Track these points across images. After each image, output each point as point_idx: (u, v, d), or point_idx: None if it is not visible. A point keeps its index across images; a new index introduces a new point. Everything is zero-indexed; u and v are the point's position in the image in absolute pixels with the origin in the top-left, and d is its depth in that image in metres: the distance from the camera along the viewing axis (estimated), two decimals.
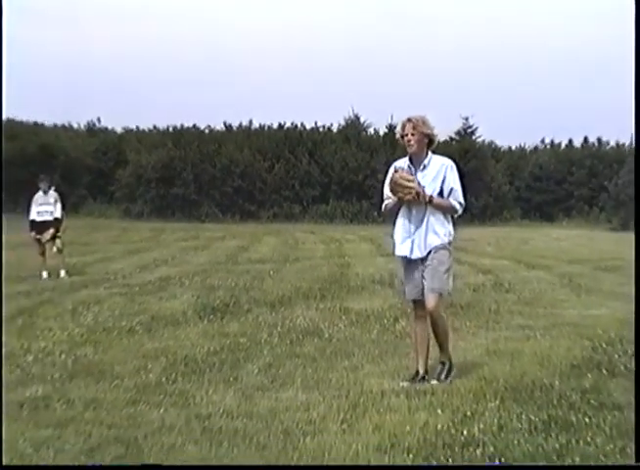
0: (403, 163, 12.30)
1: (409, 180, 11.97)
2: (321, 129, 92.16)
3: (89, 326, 17.35)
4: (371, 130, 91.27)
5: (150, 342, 15.65)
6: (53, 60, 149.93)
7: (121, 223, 69.60)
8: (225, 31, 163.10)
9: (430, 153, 12.27)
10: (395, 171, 12.06)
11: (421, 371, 12.44)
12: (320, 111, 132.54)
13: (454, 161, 12.46)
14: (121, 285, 25.45)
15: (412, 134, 12.09)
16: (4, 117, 72.35)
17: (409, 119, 12.22)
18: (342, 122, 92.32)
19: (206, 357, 14.19)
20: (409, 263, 12.44)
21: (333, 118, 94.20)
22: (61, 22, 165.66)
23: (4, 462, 4.87)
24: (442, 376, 12.24)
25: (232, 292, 23.26)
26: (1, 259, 15.41)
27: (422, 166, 12.15)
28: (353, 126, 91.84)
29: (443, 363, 12.41)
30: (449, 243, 12.41)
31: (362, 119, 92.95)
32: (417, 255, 12.26)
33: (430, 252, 12.25)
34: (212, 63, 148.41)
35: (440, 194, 12.11)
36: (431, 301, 12.38)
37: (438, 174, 12.11)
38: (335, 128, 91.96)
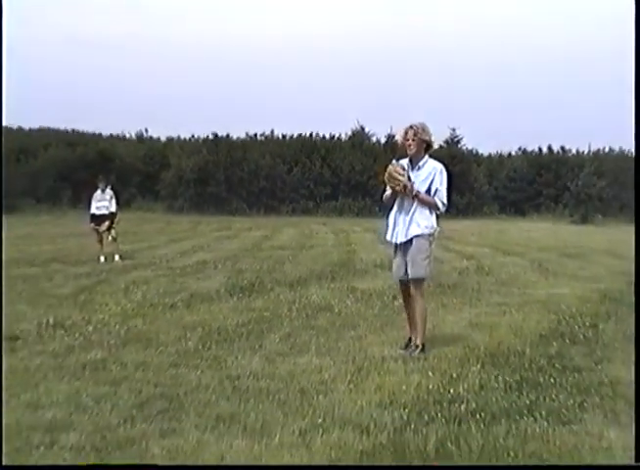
0: (404, 162, 12.36)
1: (401, 174, 12.03)
2: (332, 138, 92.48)
3: (138, 302, 17.40)
4: (373, 139, 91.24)
5: (189, 315, 15.68)
6: (109, 81, 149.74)
7: (165, 217, 69.48)
8: (250, 52, 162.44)
9: (426, 156, 12.33)
10: (392, 165, 12.14)
11: (412, 340, 12.49)
12: (331, 122, 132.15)
13: (445, 165, 12.52)
14: (165, 268, 25.46)
15: (413, 139, 12.17)
16: (70, 127, 72.32)
17: (411, 126, 12.29)
18: (350, 133, 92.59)
19: (236, 328, 14.23)
20: (396, 248, 12.50)
21: (342, 129, 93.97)
22: (113, 47, 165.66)
23: (4, 462, 4.79)
24: (413, 354, 12.24)
25: (257, 274, 23.29)
26: (1, 260, 15.03)
27: (417, 167, 12.21)
28: (359, 136, 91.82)
29: (416, 347, 12.39)
30: (430, 235, 12.41)
31: (366, 130, 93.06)
32: (400, 239, 12.31)
33: (411, 239, 12.30)
34: (239, 80, 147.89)
35: (428, 192, 12.17)
36: (410, 286, 12.48)
37: (429, 176, 12.16)
38: (343, 137, 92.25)
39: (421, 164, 12.25)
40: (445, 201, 12.33)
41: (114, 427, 8.44)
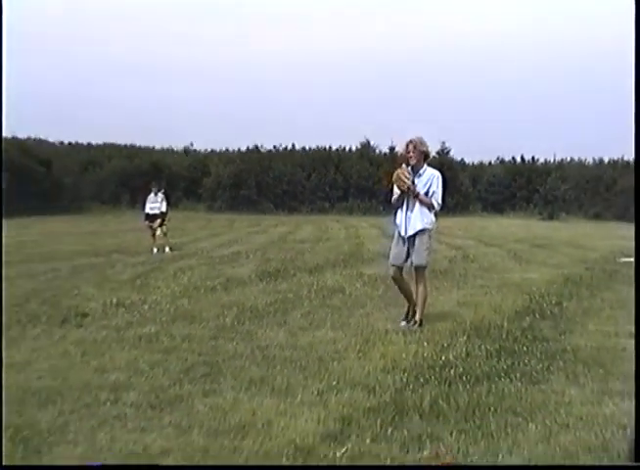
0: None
1: (407, 177, 12.04)
2: (343, 150, 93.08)
3: (184, 285, 17.43)
4: (377, 151, 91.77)
5: (226, 296, 15.70)
6: (159, 103, 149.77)
7: (206, 216, 69.54)
8: (273, 72, 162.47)
9: (425, 165, 12.32)
10: (400, 169, 12.15)
11: (410, 315, 12.50)
12: (342, 137, 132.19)
13: (441, 172, 12.56)
14: (206, 257, 25.50)
15: (413, 151, 12.17)
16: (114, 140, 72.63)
17: (411, 141, 12.27)
18: (358, 145, 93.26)
19: (265, 307, 14.24)
20: (399, 239, 12.48)
21: (352, 142, 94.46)
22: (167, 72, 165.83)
23: (4, 462, 4.77)
24: (412, 327, 12.23)
25: (282, 262, 23.29)
26: (1, 259, 14.96)
27: (418, 174, 12.19)
28: (365, 148, 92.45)
29: (415, 322, 12.39)
30: (430, 230, 12.46)
31: (372, 143, 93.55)
32: (409, 233, 12.30)
33: (416, 233, 12.31)
34: (267, 98, 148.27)
35: (427, 194, 12.18)
36: (416, 273, 12.49)
37: (428, 181, 12.16)
38: (353, 149, 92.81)
39: (421, 171, 12.23)
40: (440, 201, 12.33)
41: (166, 388, 8.47)
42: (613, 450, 6.47)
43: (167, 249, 28.03)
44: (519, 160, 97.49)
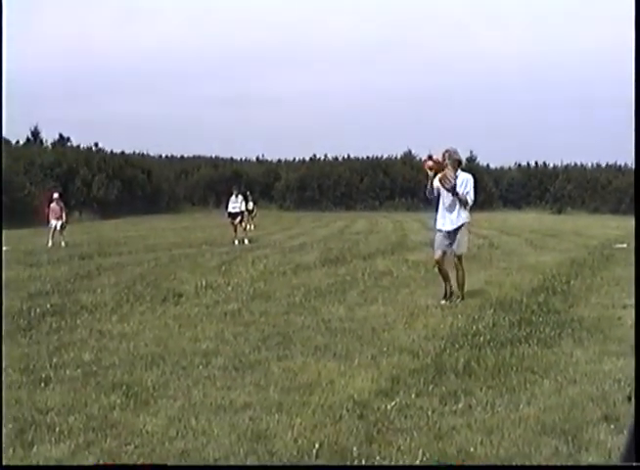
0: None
1: (452, 177, 11.97)
2: (390, 158, 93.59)
3: (261, 270, 17.48)
4: (418, 158, 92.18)
5: (295, 279, 15.74)
6: (237, 120, 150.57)
7: (277, 213, 69.76)
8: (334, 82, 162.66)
9: (459, 170, 12.23)
10: (448, 170, 12.05)
11: (448, 294, 12.43)
12: (389, 146, 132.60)
13: (473, 175, 12.54)
14: (278, 247, 25.60)
15: (448, 159, 12.09)
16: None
17: (447, 150, 12.21)
18: (402, 154, 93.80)
19: (327, 287, 14.25)
20: (440, 233, 12.41)
21: (397, 151, 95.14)
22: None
23: (4, 462, 4.77)
24: (455, 302, 12.16)
25: (341, 251, 23.31)
26: (1, 259, 14.85)
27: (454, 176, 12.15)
28: (408, 156, 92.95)
29: (457, 297, 12.34)
30: (467, 223, 12.41)
31: (413, 152, 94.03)
32: (449, 228, 12.24)
33: (457, 227, 12.25)
34: (325, 114, 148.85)
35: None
36: (457, 259, 12.43)
37: (462, 183, 12.05)
38: (398, 157, 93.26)
39: (456, 175, 12.15)
40: (473, 198, 12.26)
41: (247, 354, 8.50)
42: (610, 399, 6.47)
43: (247, 241, 28.13)
44: (533, 164, 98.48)
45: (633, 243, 4.27)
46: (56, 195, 29.43)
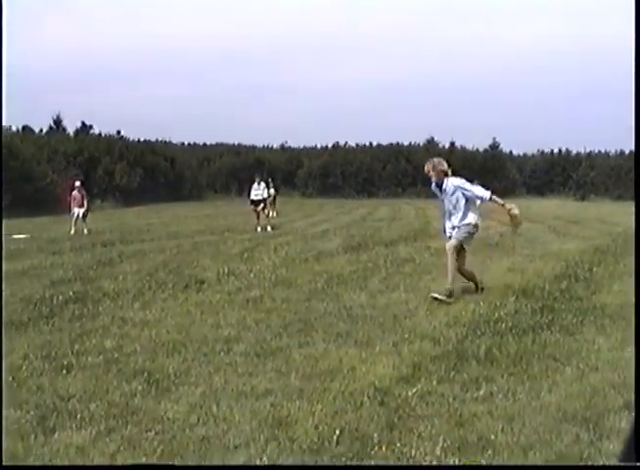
0: (434, 186, 11.91)
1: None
2: (412, 145, 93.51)
3: (283, 257, 17.48)
4: (440, 145, 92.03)
5: (317, 266, 15.73)
6: (263, 107, 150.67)
7: (300, 200, 69.78)
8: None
9: (445, 179, 11.59)
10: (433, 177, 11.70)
11: (478, 288, 12.15)
12: (412, 134, 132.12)
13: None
14: (301, 234, 25.59)
15: (432, 170, 11.67)
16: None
17: (430, 161, 11.85)
18: (424, 141, 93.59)
19: (349, 274, 14.25)
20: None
21: (419, 138, 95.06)
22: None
23: (4, 462, 4.78)
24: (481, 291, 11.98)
25: (363, 237, 23.29)
26: (1, 259, 14.78)
27: (443, 190, 11.61)
28: (430, 143, 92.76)
29: (447, 291, 11.96)
30: (472, 224, 11.66)
31: (435, 139, 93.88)
32: (451, 233, 11.79)
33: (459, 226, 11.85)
34: (348, 103, 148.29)
35: (467, 200, 11.55)
36: (448, 248, 12.09)
37: (455, 189, 11.44)
38: (420, 144, 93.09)
39: (444, 185, 11.62)
40: (482, 192, 11.60)
41: (268, 340, 8.52)
42: (631, 387, 6.44)
43: (269, 228, 28.13)
44: (556, 151, 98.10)
45: None
46: (78, 183, 29.52)
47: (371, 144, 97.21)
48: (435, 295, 11.07)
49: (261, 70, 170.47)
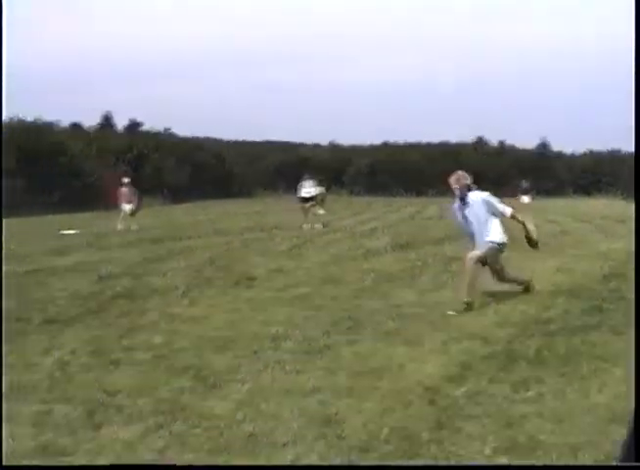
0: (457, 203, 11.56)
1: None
2: (459, 144, 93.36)
3: (331, 255, 17.49)
4: (488, 144, 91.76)
5: (365, 264, 15.69)
6: (312, 106, 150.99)
7: (348, 199, 69.71)
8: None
9: (468, 194, 11.22)
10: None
11: (528, 288, 11.95)
12: (460, 132, 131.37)
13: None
14: (349, 232, 25.54)
15: (456, 183, 11.45)
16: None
17: (455, 173, 11.49)
18: (473, 139, 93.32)
19: (397, 272, 14.23)
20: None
21: (468, 137, 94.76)
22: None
23: (4, 462, 4.78)
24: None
25: (411, 236, 23.19)
26: (1, 259, 14.70)
27: (467, 204, 11.21)
28: (479, 142, 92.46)
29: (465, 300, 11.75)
30: (497, 243, 11.19)
31: (483, 138, 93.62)
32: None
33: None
34: (397, 102, 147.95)
35: (494, 214, 11.21)
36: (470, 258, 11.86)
37: (481, 204, 11.13)
38: (469, 142, 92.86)
39: (467, 199, 11.24)
40: (506, 210, 11.26)
41: (317, 338, 8.52)
42: None
43: (317, 225, 28.09)
44: (605, 150, 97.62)
45: None
46: (126, 179, 29.74)
47: (419, 142, 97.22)
48: (451, 312, 10.30)
49: (310, 68, 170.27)
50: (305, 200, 28.89)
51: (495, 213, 11.26)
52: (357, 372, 7.05)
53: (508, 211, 11.29)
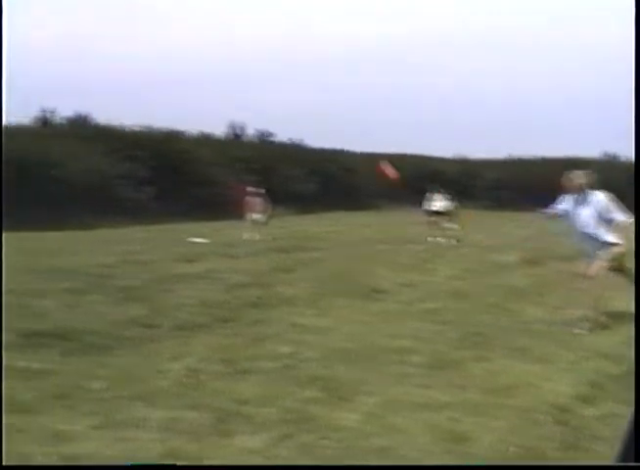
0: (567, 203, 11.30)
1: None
2: (588, 158, 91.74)
3: (459, 269, 17.27)
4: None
5: (493, 278, 15.51)
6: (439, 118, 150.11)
7: (477, 212, 69.28)
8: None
9: (584, 193, 11.11)
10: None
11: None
12: (587, 146, 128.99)
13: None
14: (477, 247, 25.23)
15: (570, 184, 11.27)
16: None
17: (569, 172, 11.49)
18: (600, 154, 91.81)
19: (525, 288, 14.15)
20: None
21: (595, 151, 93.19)
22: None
23: (4, 462, 4.74)
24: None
25: (539, 252, 22.55)
26: (1, 259, 14.49)
27: (584, 202, 11.12)
28: (607, 156, 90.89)
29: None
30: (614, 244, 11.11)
31: (609, 151, 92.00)
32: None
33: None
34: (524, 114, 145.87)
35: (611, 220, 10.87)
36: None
37: (597, 209, 10.71)
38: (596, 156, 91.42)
39: (584, 198, 11.17)
40: (622, 217, 10.83)
41: (444, 352, 8.49)
42: None
43: (445, 239, 27.85)
44: None
45: None
46: (254, 189, 30.15)
47: (545, 157, 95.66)
48: (578, 330, 10.08)
49: (445, 82, 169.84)
50: (433, 213, 28.78)
51: (612, 216, 10.97)
52: (487, 389, 7.01)
53: (623, 218, 11.00)
